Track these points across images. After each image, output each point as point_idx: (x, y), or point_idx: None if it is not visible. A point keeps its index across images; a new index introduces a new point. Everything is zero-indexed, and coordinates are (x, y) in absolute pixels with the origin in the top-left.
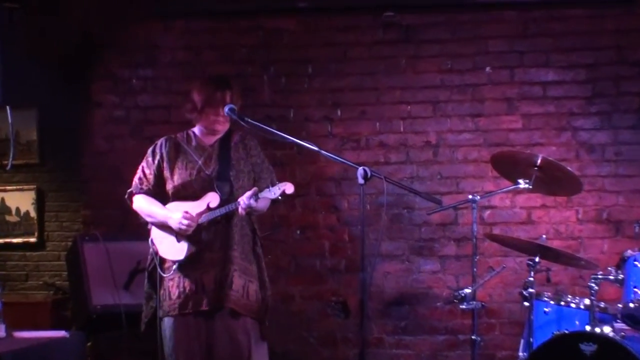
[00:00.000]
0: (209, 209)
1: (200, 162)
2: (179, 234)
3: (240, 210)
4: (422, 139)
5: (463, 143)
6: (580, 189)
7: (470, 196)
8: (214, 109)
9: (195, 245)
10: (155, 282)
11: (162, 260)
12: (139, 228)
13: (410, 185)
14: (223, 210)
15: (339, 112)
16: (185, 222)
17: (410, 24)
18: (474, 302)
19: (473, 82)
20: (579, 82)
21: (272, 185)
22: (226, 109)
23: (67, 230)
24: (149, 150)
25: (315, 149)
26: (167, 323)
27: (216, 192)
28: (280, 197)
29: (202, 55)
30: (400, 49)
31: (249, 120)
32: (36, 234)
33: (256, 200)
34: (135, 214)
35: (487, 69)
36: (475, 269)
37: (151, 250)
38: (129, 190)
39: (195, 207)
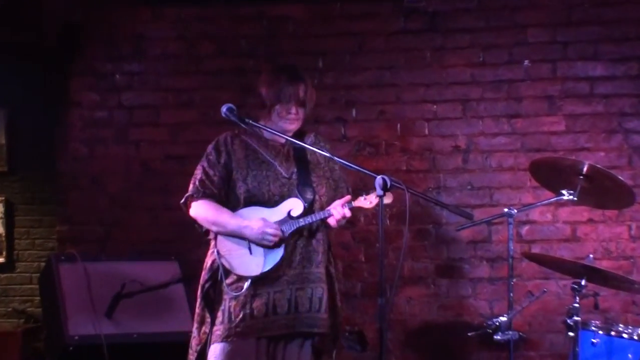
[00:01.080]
0: (290, 217)
1: (276, 163)
2: (256, 246)
3: (333, 220)
4: (450, 143)
5: (497, 148)
6: (633, 201)
7: (505, 209)
8: (285, 105)
9: (273, 260)
10: (212, 302)
11: (227, 277)
12: (124, 245)
13: (437, 197)
14: (310, 219)
15: (353, 113)
16: (271, 230)
17: (437, 10)
18: (511, 332)
19: (509, 78)
20: (631, 78)
21: (365, 194)
22: (224, 108)
23: (40, 248)
24: (210, 148)
25: (327, 155)
26: (220, 350)
27: (299, 198)
28: (376, 208)
29: (196, 48)
30: (424, 39)
31: (251, 122)
32: (4, 253)
33: (350, 210)
34: (124, 229)
35: (526, 62)
36: (511, 294)
37: (211, 264)
38: (187, 195)
39: (273, 215)
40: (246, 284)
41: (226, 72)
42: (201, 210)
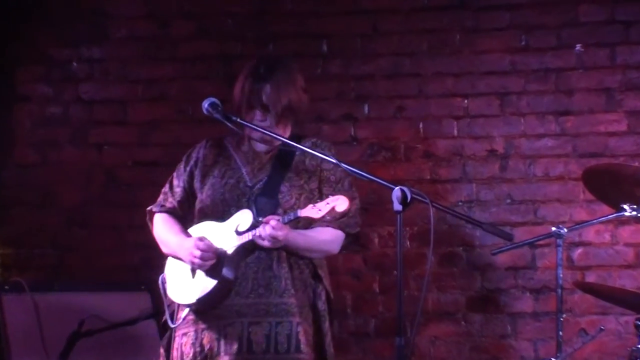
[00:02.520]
0: (237, 233)
1: (244, 170)
2: (195, 270)
3: (256, 237)
4: (484, 147)
5: (543, 152)
6: None
7: (553, 228)
8: (250, 111)
9: (211, 285)
10: (169, 338)
11: (178, 307)
12: (82, 273)
13: (468, 213)
14: (248, 236)
15: (365, 109)
16: (198, 252)
17: None
18: None
19: (557, 66)
20: None
21: (319, 201)
22: (205, 104)
23: None
24: (185, 155)
25: (333, 161)
26: None
27: (251, 210)
28: (327, 217)
29: (170, 28)
30: (452, 18)
31: (238, 119)
32: None
33: (285, 223)
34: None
35: (578, 47)
36: (561, 332)
37: (161, 292)
38: (147, 209)
39: (222, 231)
40: (183, 314)
41: (208, 58)
42: (156, 228)
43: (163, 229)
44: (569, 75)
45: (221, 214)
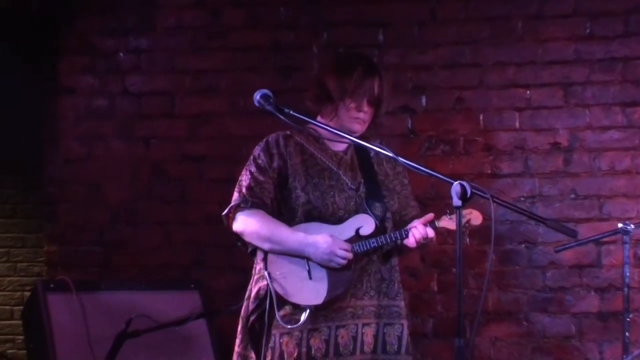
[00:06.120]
0: (358, 236)
1: (340, 172)
2: (317, 268)
3: (411, 239)
4: (547, 140)
5: (609, 145)
6: None
7: (619, 224)
8: (357, 101)
9: (341, 286)
10: (259, 338)
11: (278, 306)
12: (129, 271)
13: (530, 209)
14: (383, 239)
15: (423, 100)
16: (342, 250)
17: None
18: None
19: (624, 55)
20: None
21: (449, 212)
22: (257, 95)
23: (24, 274)
24: (257, 150)
25: (390, 154)
26: None
27: (369, 214)
28: (465, 230)
29: (220, 17)
30: (514, 4)
31: (292, 112)
32: None
33: (434, 229)
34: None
35: None
36: (627, 333)
37: (258, 290)
38: (231, 204)
39: (338, 233)
40: (303, 316)
41: (259, 48)
42: (251, 224)
43: (266, 225)
44: (636, 64)
45: (330, 216)
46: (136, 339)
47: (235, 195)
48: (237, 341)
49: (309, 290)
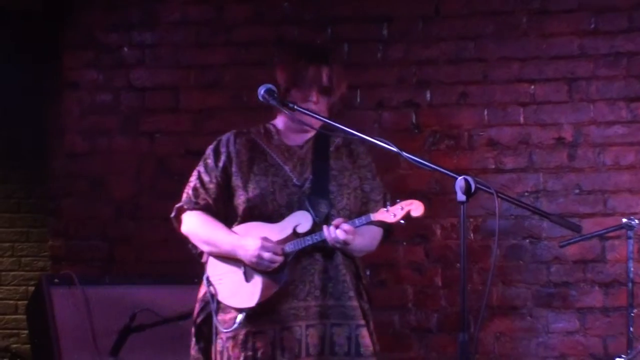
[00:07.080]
0: (295, 234)
1: (287, 168)
2: (252, 271)
3: (329, 239)
4: (552, 135)
5: (614, 140)
6: None
7: (624, 219)
8: (303, 92)
9: (274, 288)
10: (209, 340)
11: (220, 309)
12: (133, 266)
13: (535, 204)
14: (311, 239)
15: (427, 95)
16: (267, 254)
17: None
18: None
19: (628, 50)
20: None
21: (389, 205)
22: (262, 90)
23: (28, 268)
24: (209, 150)
25: (394, 149)
26: None
27: (309, 211)
28: (403, 222)
29: (224, 12)
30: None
31: (297, 107)
32: None
33: (356, 227)
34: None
35: None
36: (631, 328)
37: (204, 293)
38: (177, 206)
39: (276, 232)
40: (238, 319)
41: (263, 43)
42: (192, 225)
43: (205, 227)
44: None
45: (270, 214)
46: (140, 333)
47: (184, 196)
48: (192, 344)
49: (244, 293)
